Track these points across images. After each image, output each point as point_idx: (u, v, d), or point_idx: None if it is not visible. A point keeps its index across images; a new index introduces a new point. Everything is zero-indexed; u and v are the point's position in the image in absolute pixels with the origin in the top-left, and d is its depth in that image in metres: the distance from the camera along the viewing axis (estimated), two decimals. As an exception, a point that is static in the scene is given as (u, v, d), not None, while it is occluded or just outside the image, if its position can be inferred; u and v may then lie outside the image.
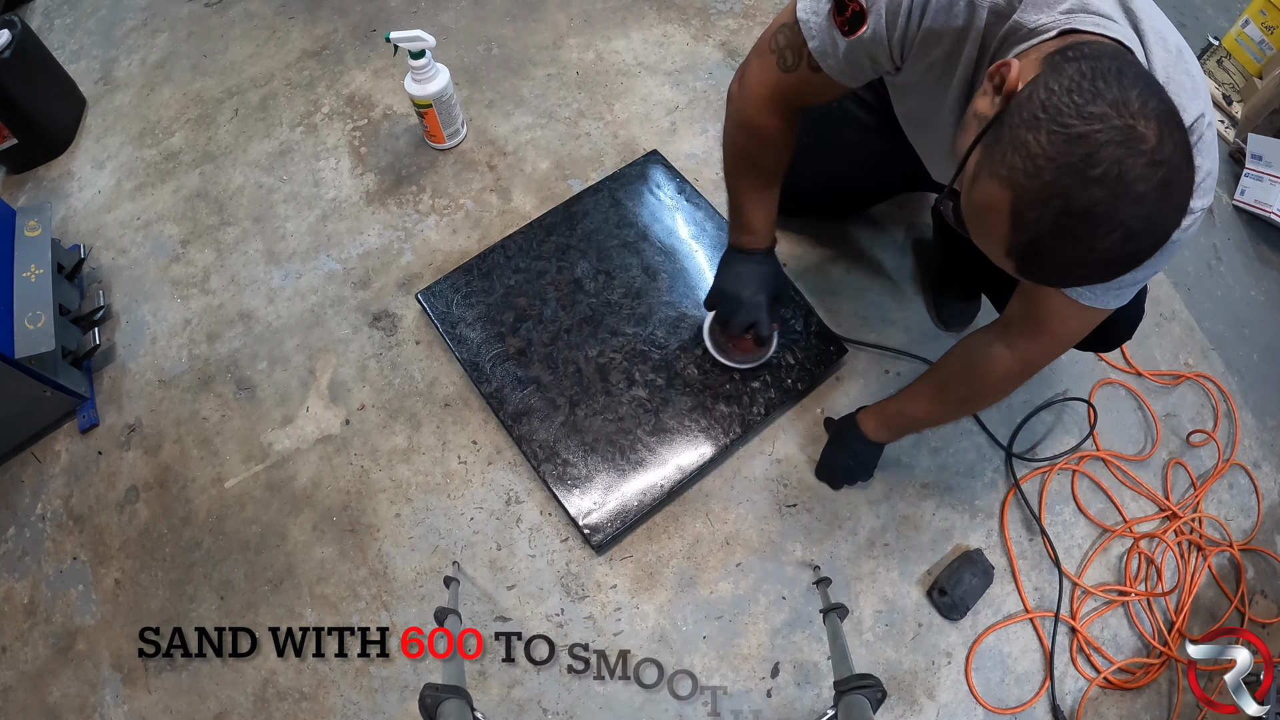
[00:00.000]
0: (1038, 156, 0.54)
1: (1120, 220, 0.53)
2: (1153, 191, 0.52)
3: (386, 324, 1.30)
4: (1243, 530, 1.22)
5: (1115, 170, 0.52)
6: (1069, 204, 0.53)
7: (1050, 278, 0.61)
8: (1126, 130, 0.52)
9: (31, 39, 1.47)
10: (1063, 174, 0.53)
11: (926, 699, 1.07)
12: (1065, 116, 0.53)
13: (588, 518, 1.10)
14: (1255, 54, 1.64)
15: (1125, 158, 0.51)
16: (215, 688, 1.06)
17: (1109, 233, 0.54)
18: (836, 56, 0.79)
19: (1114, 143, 0.51)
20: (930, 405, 1.00)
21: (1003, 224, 0.57)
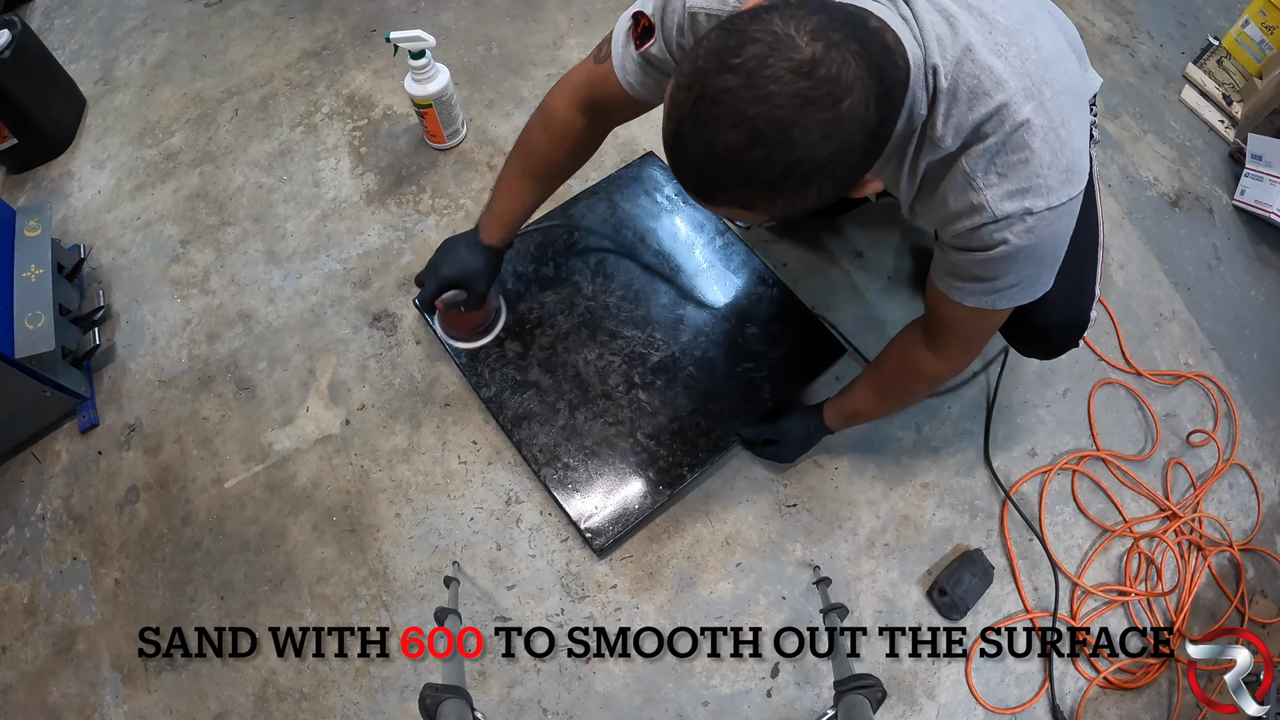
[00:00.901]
0: (699, 44, 0.55)
1: (746, 114, 0.52)
2: (787, 97, 0.51)
3: (386, 324, 1.30)
4: (1243, 530, 1.22)
5: (752, 63, 0.51)
6: (705, 87, 0.53)
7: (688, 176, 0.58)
8: (784, 38, 0.51)
9: (31, 39, 1.47)
10: (708, 58, 0.53)
11: (926, 699, 1.07)
12: (739, 17, 0.54)
13: (589, 521, 1.10)
14: (1255, 54, 1.64)
15: (768, 55, 0.51)
16: (215, 688, 1.06)
17: (732, 125, 0.52)
18: (631, 69, 0.83)
19: (763, 42, 0.52)
20: (877, 403, 1.04)
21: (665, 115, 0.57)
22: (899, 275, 1.35)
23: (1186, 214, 1.50)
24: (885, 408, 1.07)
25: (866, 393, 1.03)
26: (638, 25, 0.79)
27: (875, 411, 1.08)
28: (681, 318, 1.24)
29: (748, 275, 1.28)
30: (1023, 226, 0.67)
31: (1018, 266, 0.72)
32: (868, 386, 1.03)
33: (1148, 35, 1.70)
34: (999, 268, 0.72)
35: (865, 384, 1.03)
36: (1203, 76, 1.66)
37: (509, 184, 1.02)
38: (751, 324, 1.24)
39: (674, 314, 1.24)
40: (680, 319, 1.24)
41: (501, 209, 1.04)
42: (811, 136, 0.52)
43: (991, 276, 0.74)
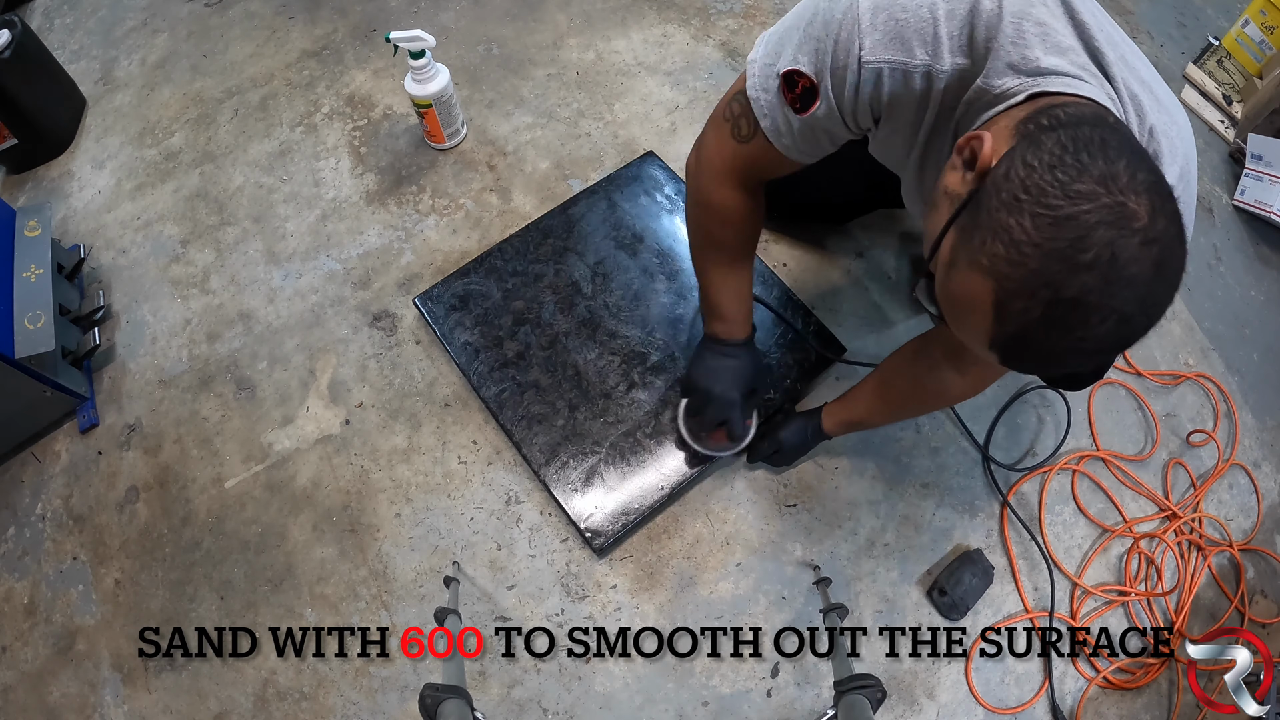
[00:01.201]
0: (1022, 243, 0.49)
1: (1114, 306, 0.49)
2: (1146, 273, 0.48)
3: (386, 324, 1.30)
4: (1243, 530, 1.22)
5: (1108, 254, 0.47)
6: (1058, 293, 0.49)
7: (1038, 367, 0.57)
8: (1117, 209, 0.47)
9: (31, 39, 1.47)
10: (1050, 261, 0.48)
11: (926, 699, 1.07)
12: (1050, 197, 0.48)
13: (589, 521, 1.10)
14: (1255, 54, 1.64)
15: (1117, 239, 0.47)
16: (215, 688, 1.06)
17: (1102, 321, 0.49)
18: (791, 135, 0.75)
19: (1104, 224, 0.47)
20: (888, 416, 1.03)
21: (985, 316, 0.53)
22: (900, 276, 1.35)
23: (1186, 214, 1.49)
24: (894, 419, 1.06)
25: (876, 406, 1.01)
26: (794, 88, 0.71)
27: (882, 423, 1.07)
28: (681, 317, 1.24)
29: (748, 275, 1.28)
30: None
31: None
32: (878, 400, 1.00)
33: (1148, 35, 1.70)
34: None
35: (874, 397, 1.01)
36: (1203, 76, 1.66)
37: (723, 284, 0.97)
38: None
39: (673, 313, 1.24)
40: (680, 319, 1.24)
41: (736, 309, 0.99)
42: (1165, 292, 0.51)
43: None
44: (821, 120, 0.72)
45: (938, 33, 0.62)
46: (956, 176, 0.56)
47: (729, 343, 1.01)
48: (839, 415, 1.07)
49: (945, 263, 0.56)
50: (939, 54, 0.62)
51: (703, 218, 0.92)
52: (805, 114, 0.72)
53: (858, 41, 0.64)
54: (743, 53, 1.59)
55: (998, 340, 0.54)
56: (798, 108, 0.72)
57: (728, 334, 1.01)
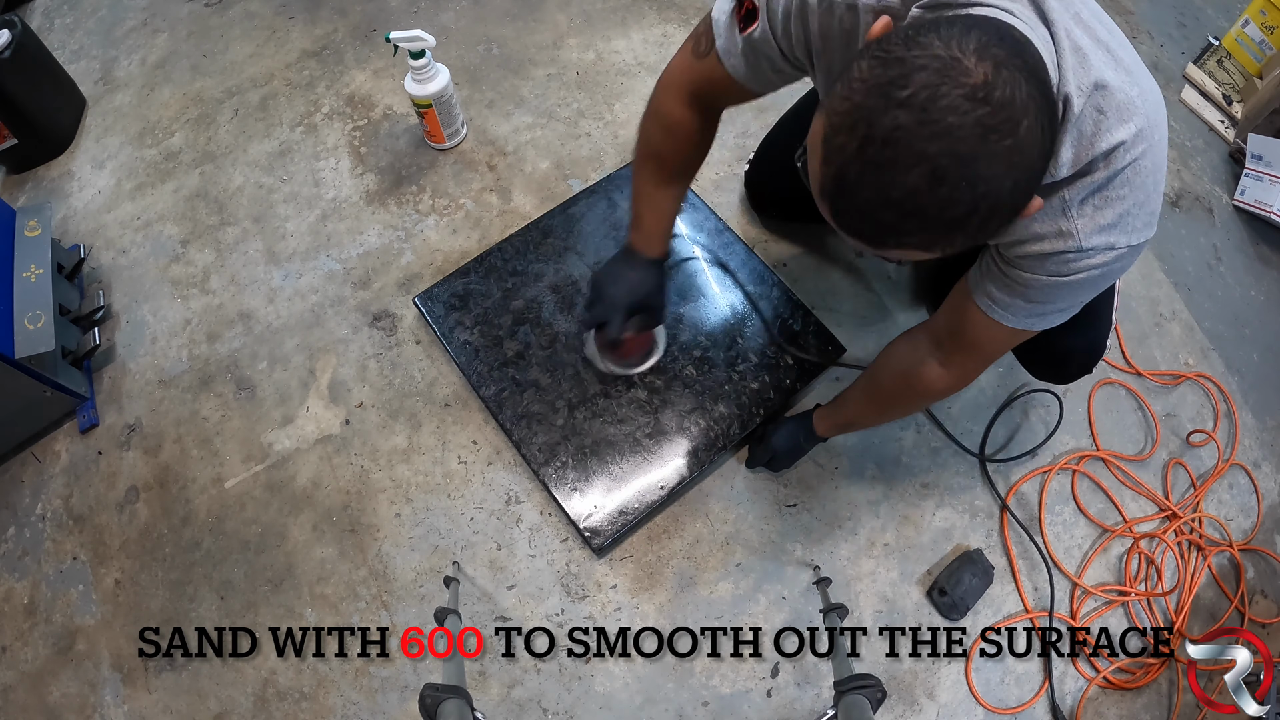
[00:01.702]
0: (853, 80, 0.50)
1: (925, 153, 0.47)
2: (968, 129, 0.47)
3: (386, 324, 1.30)
4: (1243, 530, 1.22)
5: (924, 94, 0.47)
6: (872, 127, 0.48)
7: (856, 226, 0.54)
8: (950, 61, 0.47)
9: (31, 39, 1.47)
10: (870, 95, 0.48)
11: (926, 699, 1.07)
12: (891, 44, 0.49)
13: (588, 521, 1.10)
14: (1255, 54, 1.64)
15: (940, 84, 0.47)
16: (215, 688, 1.06)
17: (911, 165, 0.48)
18: (736, 55, 0.79)
19: (930, 69, 0.47)
20: (876, 415, 1.04)
21: (818, 157, 0.53)
22: (899, 276, 1.35)
23: (1186, 214, 1.50)
24: (883, 419, 1.07)
25: (863, 404, 1.01)
26: (740, 7, 0.75)
27: (872, 422, 1.08)
28: (681, 317, 1.24)
29: (747, 275, 1.28)
30: (1101, 260, 0.65)
31: (1074, 294, 0.71)
32: (865, 398, 1.00)
33: (1148, 35, 1.70)
34: (1058, 294, 0.70)
35: (862, 395, 1.01)
36: (1203, 76, 1.66)
37: (649, 196, 0.99)
38: (750, 324, 1.24)
39: (673, 313, 1.24)
40: (679, 318, 1.23)
41: (654, 222, 1.00)
42: (996, 168, 0.48)
43: (1044, 300, 0.72)
44: (758, 42, 0.75)
45: None
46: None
47: (639, 255, 1.02)
48: (830, 418, 1.07)
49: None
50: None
51: (650, 128, 0.94)
52: (745, 33, 0.76)
53: None
54: (743, 53, 1.59)
55: (824, 185, 0.53)
56: (741, 27, 0.76)
57: (641, 247, 1.01)
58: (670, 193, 0.99)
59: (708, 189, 1.41)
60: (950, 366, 0.87)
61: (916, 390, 0.91)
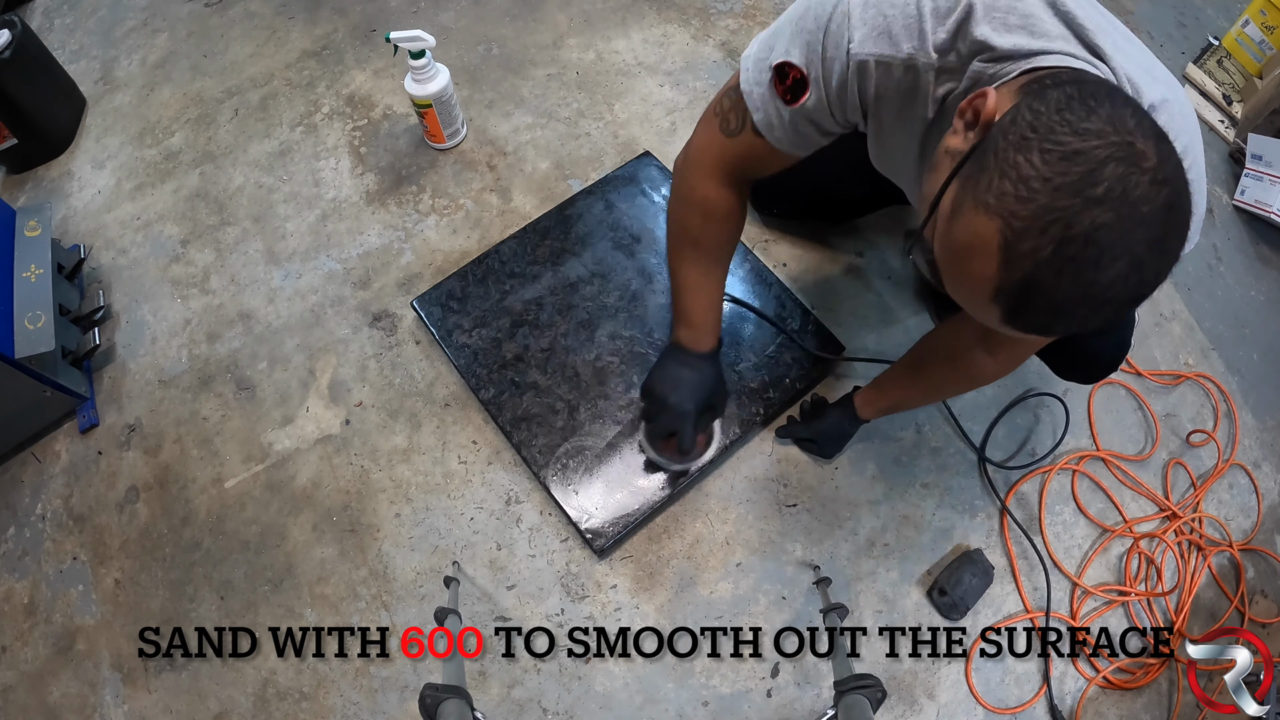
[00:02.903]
0: (1031, 178, 0.48)
1: (1127, 245, 0.47)
2: (1158, 213, 0.47)
3: (386, 324, 1.30)
4: (1243, 530, 1.22)
5: (1120, 188, 0.46)
6: (1070, 229, 0.47)
7: (1042, 324, 0.53)
8: (1126, 147, 0.46)
9: (31, 39, 1.47)
10: (1061, 194, 0.47)
11: (926, 699, 1.07)
12: (1058, 134, 0.48)
13: (588, 522, 1.10)
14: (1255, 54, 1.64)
15: (1129, 175, 0.46)
16: (215, 688, 1.06)
17: (1114, 260, 0.47)
18: (782, 128, 0.76)
19: (1115, 159, 0.46)
20: (923, 397, 1.06)
21: (990, 261, 0.50)
22: (899, 276, 1.35)
23: (1186, 214, 1.49)
24: (929, 401, 1.10)
25: (910, 389, 1.03)
26: (784, 79, 0.72)
27: (918, 404, 1.10)
28: (681, 318, 1.24)
29: (747, 275, 1.28)
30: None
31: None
32: (911, 383, 1.02)
33: (1148, 35, 1.70)
34: None
35: (907, 381, 1.02)
36: (1203, 76, 1.66)
37: (696, 287, 0.95)
38: (750, 324, 1.24)
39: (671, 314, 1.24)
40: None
41: (704, 314, 0.97)
42: (1179, 241, 0.50)
43: None
44: (811, 112, 0.73)
45: (923, 27, 0.63)
46: (958, 138, 0.56)
47: (693, 353, 0.99)
48: (875, 402, 1.08)
49: (946, 215, 0.54)
50: (924, 46, 0.64)
51: (685, 213, 0.91)
52: (795, 105, 0.73)
53: (847, 35, 0.66)
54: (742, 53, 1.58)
55: (1004, 288, 0.51)
56: (788, 99, 0.73)
57: (693, 343, 0.99)
58: (716, 278, 0.96)
59: (708, 189, 1.41)
60: (998, 354, 0.88)
61: (964, 376, 0.94)
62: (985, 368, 0.90)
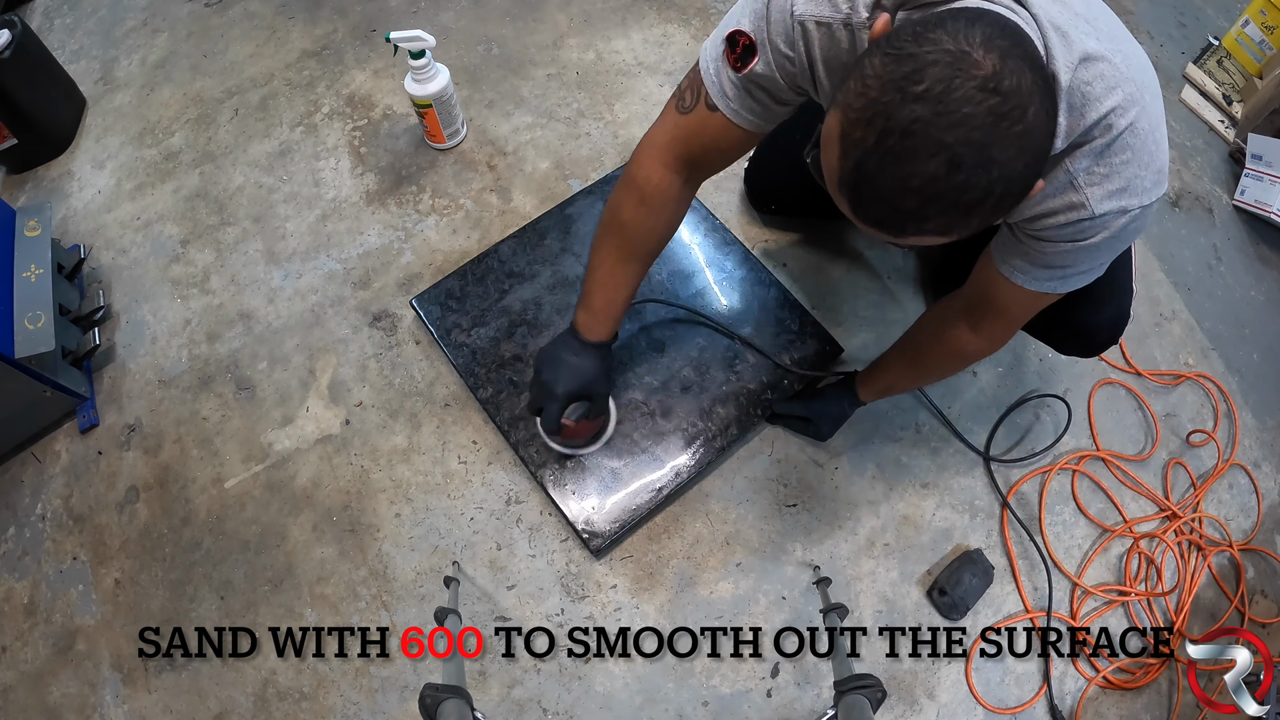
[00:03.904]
0: (868, 76, 0.53)
1: (943, 142, 0.50)
2: (982, 117, 0.50)
3: (386, 324, 1.30)
4: (1243, 530, 1.22)
5: (940, 88, 0.50)
6: (890, 120, 0.51)
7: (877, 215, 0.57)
8: (959, 55, 0.50)
9: (31, 39, 1.47)
10: (886, 90, 0.51)
11: (926, 699, 1.07)
12: (901, 39, 0.52)
13: (587, 522, 1.10)
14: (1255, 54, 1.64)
15: (953, 77, 0.50)
16: (215, 688, 1.06)
17: (930, 155, 0.51)
18: (736, 95, 0.78)
19: (941, 63, 0.50)
20: (915, 377, 1.07)
21: (834, 150, 0.56)
22: (899, 276, 1.35)
23: (1186, 214, 1.50)
24: (923, 382, 1.11)
25: (901, 368, 1.04)
26: (735, 47, 0.75)
27: (912, 386, 1.11)
28: (677, 319, 1.24)
29: (746, 275, 1.28)
30: (1117, 224, 0.68)
31: (1094, 256, 0.74)
32: (902, 362, 1.04)
33: (1147, 35, 1.70)
34: (1077, 258, 0.74)
35: (900, 360, 1.04)
36: (1203, 76, 1.66)
37: (607, 274, 0.94)
38: (749, 324, 1.24)
39: (672, 314, 1.24)
40: (676, 320, 1.23)
41: (605, 302, 0.96)
42: (1009, 152, 0.52)
43: (1065, 265, 0.75)
44: (760, 77, 0.75)
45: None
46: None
47: (582, 339, 0.98)
48: (872, 384, 1.09)
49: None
50: (855, 6, 0.67)
51: (621, 195, 0.91)
52: (744, 70, 0.76)
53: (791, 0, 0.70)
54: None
55: (844, 177, 0.56)
56: (738, 66, 0.76)
57: (586, 330, 0.98)
58: (629, 271, 0.95)
59: (708, 189, 1.41)
60: (981, 331, 0.90)
61: (950, 355, 0.95)
62: (970, 344, 0.91)
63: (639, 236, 0.92)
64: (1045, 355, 1.31)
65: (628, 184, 0.90)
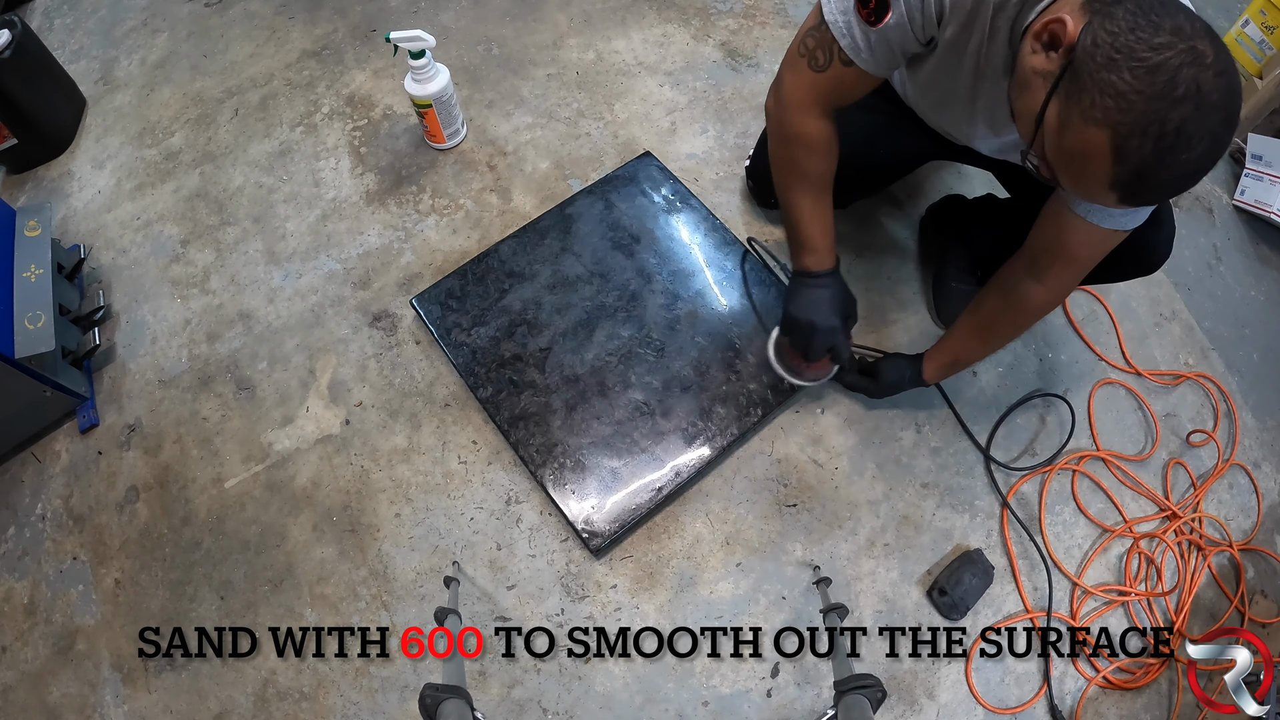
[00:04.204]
0: (1126, 93, 0.60)
1: (1207, 129, 0.60)
2: (1224, 98, 0.60)
3: (386, 324, 1.30)
4: (1243, 530, 1.22)
5: (1194, 87, 0.59)
6: (1164, 126, 0.60)
7: (1150, 199, 0.68)
8: (1192, 51, 0.59)
9: (31, 39, 1.47)
10: (1153, 102, 0.60)
11: (926, 699, 1.07)
12: (1139, 52, 0.60)
13: (586, 522, 1.10)
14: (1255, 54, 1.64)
15: (1199, 75, 0.59)
16: (215, 688, 1.06)
17: (1199, 142, 0.61)
18: (868, 48, 0.84)
19: (1186, 64, 0.59)
20: (980, 345, 1.09)
21: (1105, 162, 0.64)
22: (898, 276, 1.35)
23: (1186, 214, 1.50)
24: (987, 349, 1.13)
25: (968, 337, 1.07)
26: (867, 3, 0.80)
27: (977, 354, 1.14)
28: (678, 318, 1.24)
29: (746, 275, 1.28)
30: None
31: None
32: (968, 330, 1.07)
33: (1148, 35, 1.70)
34: None
35: (966, 328, 1.07)
36: (1203, 76, 1.66)
37: (812, 214, 1.02)
38: (748, 324, 1.24)
39: (670, 314, 1.24)
40: (676, 319, 1.24)
41: (822, 236, 1.04)
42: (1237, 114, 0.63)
43: None
44: (891, 30, 0.81)
45: None
46: (1040, 58, 0.67)
47: (821, 274, 1.05)
48: (936, 359, 1.11)
49: (1054, 129, 0.67)
50: None
51: (790, 151, 0.99)
52: (878, 25, 0.81)
53: None
54: (743, 52, 1.59)
55: (1119, 180, 0.64)
56: (872, 21, 0.81)
57: (818, 265, 1.05)
58: (826, 204, 1.03)
59: (707, 189, 1.41)
60: (1048, 281, 0.94)
61: (1017, 310, 0.99)
62: (1036, 296, 0.96)
63: (820, 177, 1.01)
64: (1045, 355, 1.31)
65: (792, 141, 0.98)
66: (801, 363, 1.13)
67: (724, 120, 1.50)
